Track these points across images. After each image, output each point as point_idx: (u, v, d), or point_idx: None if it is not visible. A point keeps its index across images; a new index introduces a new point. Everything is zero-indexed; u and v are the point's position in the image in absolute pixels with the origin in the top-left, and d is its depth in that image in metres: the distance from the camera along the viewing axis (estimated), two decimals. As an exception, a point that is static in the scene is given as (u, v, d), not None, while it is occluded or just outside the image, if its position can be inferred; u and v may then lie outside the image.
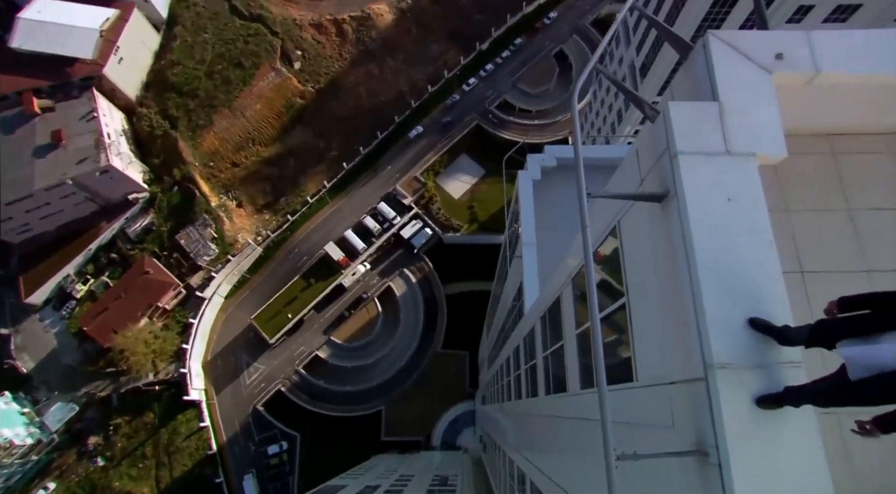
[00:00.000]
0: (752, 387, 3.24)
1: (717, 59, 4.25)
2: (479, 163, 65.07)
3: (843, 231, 4.75)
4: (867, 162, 5.01)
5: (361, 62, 68.87)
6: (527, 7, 70.96)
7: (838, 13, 35.12)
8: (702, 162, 3.84)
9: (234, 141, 64.92)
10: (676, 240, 3.76)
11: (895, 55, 4.18)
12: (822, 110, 4.90)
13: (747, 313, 3.41)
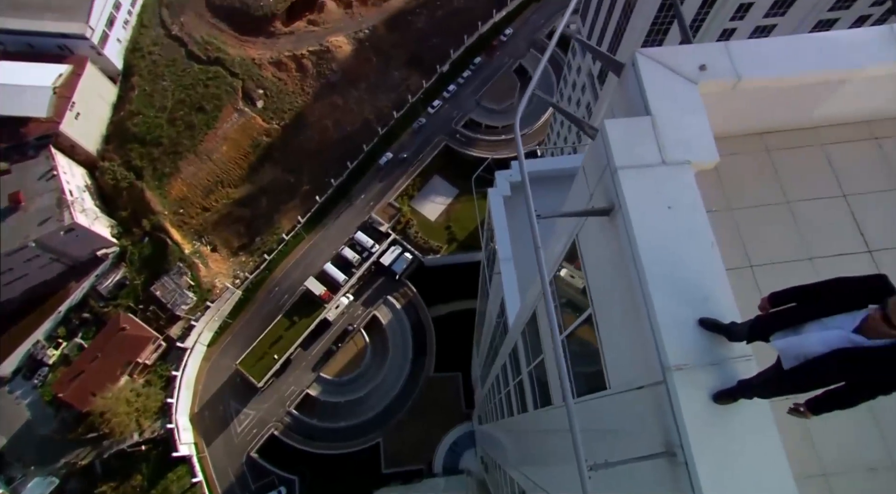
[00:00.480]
0: (708, 385, 3.44)
1: (646, 75, 4.56)
2: (452, 183, 65.78)
3: (784, 223, 5.07)
4: (799, 155, 5.37)
5: (325, 95, 69.56)
6: (482, 27, 72.92)
7: (776, 7, 37.41)
8: (641, 174, 4.10)
9: (203, 185, 64.46)
10: (625, 250, 3.99)
11: (804, 57, 4.56)
12: (752, 111, 5.26)
13: (697, 314, 3.63)
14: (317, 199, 64.06)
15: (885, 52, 4.48)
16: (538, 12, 75.48)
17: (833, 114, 5.25)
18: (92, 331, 59.23)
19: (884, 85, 4.75)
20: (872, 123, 5.40)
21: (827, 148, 5.41)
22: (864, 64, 4.50)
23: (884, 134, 5.34)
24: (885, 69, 4.50)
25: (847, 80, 4.63)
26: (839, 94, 4.87)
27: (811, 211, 5.08)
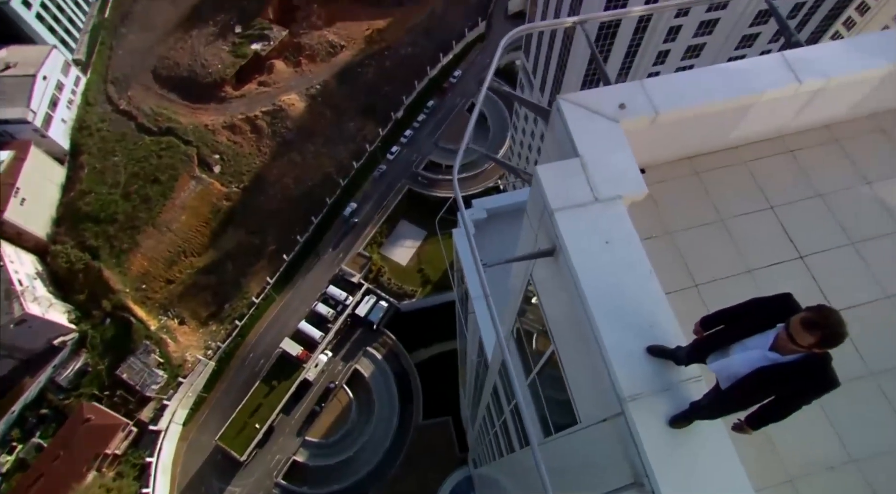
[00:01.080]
0: (663, 411, 3.58)
1: (571, 119, 4.88)
2: (420, 226, 66.33)
3: (721, 240, 5.38)
4: (725, 175, 5.76)
5: (282, 153, 70.14)
6: (431, 71, 75.62)
7: (689, 52, 41.27)
8: (576, 214, 4.33)
9: (165, 257, 63.16)
10: (570, 287, 4.17)
11: (712, 88, 4.98)
12: (676, 139, 5.65)
13: (644, 342, 3.80)
14: (284, 258, 63.45)
15: (780, 77, 4.95)
16: (483, 53, 78.90)
17: (748, 134, 5.69)
18: (52, 428, 55.79)
19: (785, 105, 5.21)
20: (785, 137, 5.86)
21: (749, 165, 5.82)
22: (764, 88, 4.94)
23: (796, 146, 5.80)
24: (782, 92, 4.95)
25: (752, 104, 5.07)
26: (749, 116, 5.30)
27: (744, 225, 5.41)
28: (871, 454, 4.35)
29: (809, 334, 2.39)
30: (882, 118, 5.78)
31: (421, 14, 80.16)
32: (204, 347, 60.48)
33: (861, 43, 5.14)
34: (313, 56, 77.13)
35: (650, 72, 42.29)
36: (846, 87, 5.17)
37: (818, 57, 5.01)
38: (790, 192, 5.56)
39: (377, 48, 77.72)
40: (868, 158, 5.61)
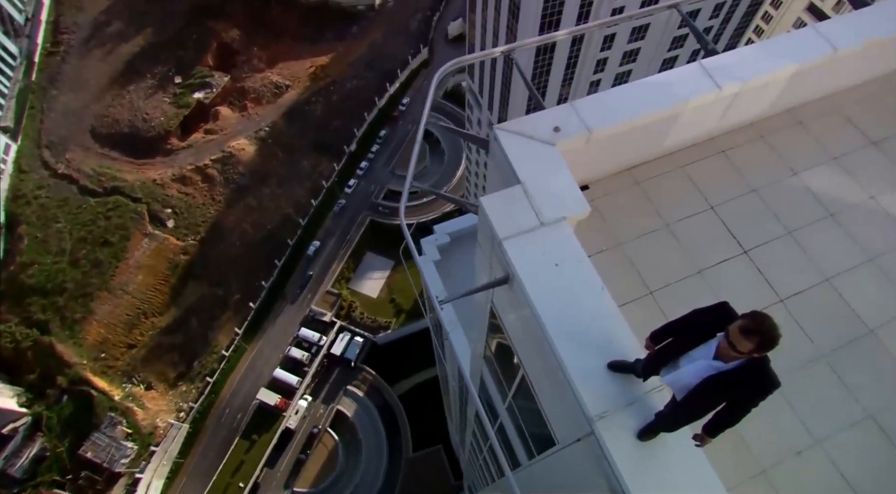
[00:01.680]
0: (631, 425, 3.63)
1: (508, 147, 5.01)
2: (386, 256, 66.11)
3: (669, 244, 5.57)
4: (665, 181, 6.00)
5: (237, 199, 69.13)
6: (380, 101, 76.48)
7: (626, 58, 43.80)
8: (524, 240, 4.42)
9: (123, 322, 60.67)
10: (527, 313, 4.23)
11: (639, 102, 5.22)
12: (613, 153, 5.87)
13: (604, 359, 3.88)
14: (251, 306, 61.93)
15: (701, 85, 5.24)
16: (429, 78, 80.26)
17: (680, 140, 5.97)
18: (12, 526, 51.86)
19: (709, 109, 5.51)
20: (715, 139, 6.18)
21: (686, 169, 6.09)
22: (688, 97, 5.21)
23: (726, 146, 6.12)
24: (705, 98, 5.24)
25: (679, 112, 5.33)
26: (678, 124, 5.57)
27: (688, 228, 5.63)
28: (832, 432, 4.53)
29: (748, 340, 2.50)
30: (798, 112, 6.18)
31: (362, 47, 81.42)
32: (175, 410, 57.92)
33: (769, 47, 5.51)
34: (259, 98, 77.00)
35: (591, 80, 44.12)
36: (762, 88, 5.52)
37: (733, 63, 5.34)
38: (727, 191, 5.83)
39: (322, 84, 78.28)
40: (791, 150, 5.96)
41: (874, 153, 5.92)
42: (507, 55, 5.73)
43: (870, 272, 5.20)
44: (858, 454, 4.45)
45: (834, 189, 5.67)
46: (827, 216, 5.52)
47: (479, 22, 50.84)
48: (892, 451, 4.46)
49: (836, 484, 4.36)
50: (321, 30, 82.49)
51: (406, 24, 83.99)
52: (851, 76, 6.19)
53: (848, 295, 5.09)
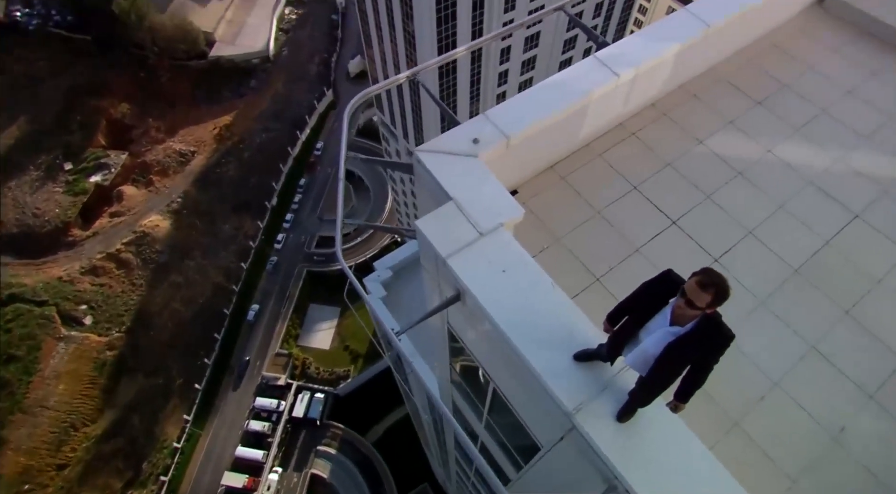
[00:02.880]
0: (608, 411, 3.70)
1: (432, 166, 5.09)
2: (331, 304, 64.61)
3: (604, 230, 5.82)
4: (587, 171, 6.30)
5: (160, 279, 65.48)
6: (293, 151, 75.72)
7: (525, 67, 46.32)
8: (467, 254, 4.47)
9: (48, 442, 55.04)
10: (486, 325, 4.25)
11: (547, 101, 5.48)
12: (535, 154, 6.11)
13: (569, 352, 3.95)
14: (197, 388, 58.24)
15: (600, 75, 5.59)
16: (338, 119, 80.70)
17: (593, 130, 6.32)
18: None
19: (613, 97, 5.88)
20: (624, 123, 6.58)
21: (604, 156, 6.42)
22: (591, 89, 5.54)
23: (636, 128, 6.53)
24: (607, 87, 5.59)
25: (586, 104, 5.65)
26: (587, 115, 5.90)
27: (618, 211, 5.92)
28: (785, 371, 4.84)
29: (705, 293, 2.63)
30: (690, 86, 6.73)
31: (265, 99, 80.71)
32: (132, 523, 52.87)
33: (652, 32, 5.99)
34: (165, 170, 74.05)
35: (497, 92, 46.08)
36: (654, 69, 5.97)
37: (624, 51, 5.75)
38: (645, 169, 6.20)
39: (231, 144, 76.59)
40: (692, 121, 6.46)
41: (761, 111, 6.53)
42: (413, 79, 5.87)
43: (783, 218, 5.68)
44: (812, 386, 4.78)
45: (736, 149, 6.17)
46: (736, 175, 5.99)
47: (378, 56, 51.94)
48: (837, 375, 4.84)
49: (801, 419, 4.64)
50: (218, 89, 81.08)
51: (305, 69, 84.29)
52: (727, 46, 6.85)
53: (769, 242, 5.52)
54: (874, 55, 7.13)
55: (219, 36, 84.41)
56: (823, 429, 4.60)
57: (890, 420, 4.64)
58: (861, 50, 7.18)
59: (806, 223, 5.66)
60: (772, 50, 7.13)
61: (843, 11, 7.45)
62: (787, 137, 6.31)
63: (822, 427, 4.60)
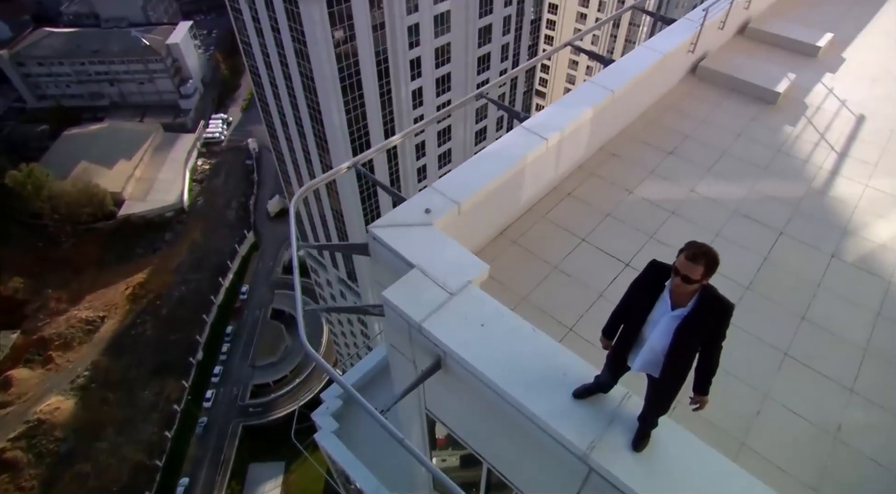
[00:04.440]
0: (622, 443, 3.61)
1: (389, 239, 5.20)
2: (274, 459, 58.89)
3: (564, 283, 6.04)
4: (536, 231, 6.65)
5: (61, 473, 57.38)
6: (216, 298, 73.30)
7: (440, 85, 50.15)
8: (441, 315, 4.46)
9: None
10: (475, 385, 4.14)
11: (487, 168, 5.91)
12: (485, 221, 6.42)
13: (567, 392, 3.90)
14: None
15: (531, 141, 6.19)
16: (262, 259, 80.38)
17: (533, 194, 6.82)
18: None
19: (545, 161, 6.48)
20: (558, 186, 7.16)
21: (547, 216, 6.86)
22: (525, 153, 6.08)
23: (570, 189, 7.12)
24: (538, 150, 6.17)
25: (522, 168, 6.16)
26: (525, 180, 6.40)
27: (573, 263, 6.22)
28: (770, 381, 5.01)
29: (698, 264, 2.76)
30: (609, 147, 7.57)
31: (182, 251, 79.42)
32: None
33: (567, 100, 6.84)
34: (68, 343, 68.39)
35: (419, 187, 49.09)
36: (575, 133, 6.71)
37: (546, 119, 6.47)
38: (588, 222, 6.67)
39: (146, 302, 73.11)
40: (619, 176, 7.17)
41: (674, 159, 7.41)
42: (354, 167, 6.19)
43: (722, 244, 6.20)
44: (798, 391, 4.94)
45: (664, 193, 6.86)
46: (670, 214, 6.59)
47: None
48: (816, 376, 5.06)
49: (800, 426, 4.72)
50: (130, 247, 79.18)
51: (223, 215, 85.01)
52: (632, 110, 7.89)
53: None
54: (747, 105, 8.50)
55: (128, 194, 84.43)
56: (823, 431, 4.67)
57: (877, 408, 4.83)
58: (736, 103, 8.55)
59: (743, 245, 6.21)
60: (668, 110, 8.30)
61: (711, 76, 8.97)
62: (703, 177, 7.13)
63: (821, 430, 4.68)
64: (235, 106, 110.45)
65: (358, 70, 39.79)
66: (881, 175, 7.24)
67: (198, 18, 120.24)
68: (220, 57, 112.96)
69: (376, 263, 5.55)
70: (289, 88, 42.38)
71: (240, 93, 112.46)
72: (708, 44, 9.19)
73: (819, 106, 8.55)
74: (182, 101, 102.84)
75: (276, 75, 42.92)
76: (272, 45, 40.40)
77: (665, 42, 7.92)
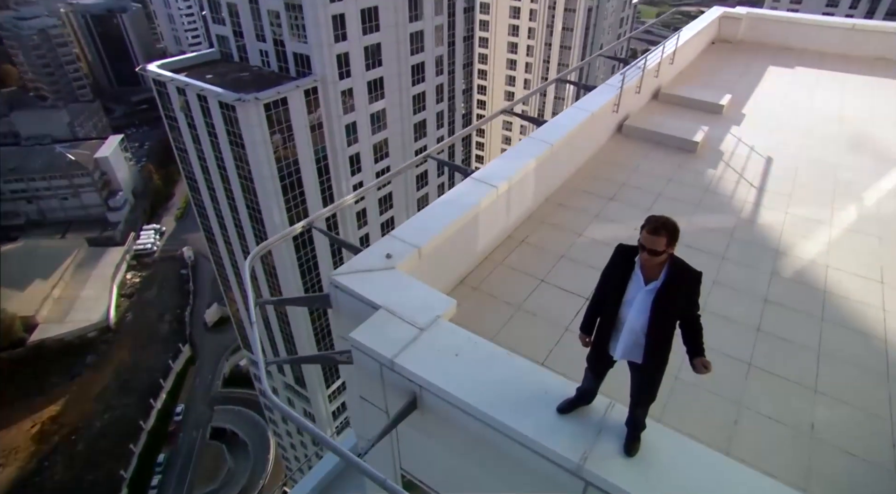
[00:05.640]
0: (614, 449, 3.62)
1: (353, 285, 5.23)
2: None
3: (530, 321, 6.16)
4: (494, 278, 6.84)
5: None
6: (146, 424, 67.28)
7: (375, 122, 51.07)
8: (414, 350, 4.45)
9: None
10: (456, 418, 4.08)
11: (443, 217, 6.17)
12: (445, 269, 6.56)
13: (551, 408, 3.91)
14: None
15: (482, 189, 6.57)
16: (200, 373, 75.54)
17: (489, 241, 7.10)
18: None
19: (496, 208, 6.85)
20: (512, 234, 7.51)
21: (504, 263, 7.10)
22: (479, 201, 6.43)
23: (523, 236, 7.47)
24: (489, 198, 6.54)
25: (476, 214, 6.47)
26: (479, 227, 6.70)
27: (536, 302, 6.40)
28: (741, 390, 5.19)
29: (660, 236, 2.97)
30: (554, 197, 8.11)
31: (106, 374, 73.48)
32: None
33: (511, 154, 7.39)
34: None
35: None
36: (522, 182, 7.20)
37: (494, 169, 6.94)
38: (544, 265, 6.96)
39: (57, 439, 65.68)
40: (568, 222, 7.63)
41: (616, 204, 8.02)
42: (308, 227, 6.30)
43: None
44: (768, 397, 5.14)
45: (612, 233, 7.33)
46: (619, 251, 7.01)
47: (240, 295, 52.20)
48: (781, 382, 5.31)
49: (777, 429, 4.87)
50: (42, 377, 72.21)
51: (155, 330, 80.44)
52: (571, 163, 8.59)
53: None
54: (671, 155, 9.48)
55: (43, 317, 78.72)
56: (799, 432, 4.82)
57: (840, 404, 5.08)
58: (661, 154, 9.51)
59: (691, 272, 6.66)
60: (603, 164, 9.10)
61: (636, 133, 10.03)
62: (644, 216, 7.67)
63: (797, 430, 4.83)
64: (169, 215, 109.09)
65: (298, 169, 40.84)
66: (797, 204, 8.13)
67: (129, 132, 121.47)
68: (153, 168, 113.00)
69: (339, 314, 5.51)
70: (227, 190, 42.62)
71: (174, 203, 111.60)
72: (629, 106, 10.35)
73: (733, 151, 9.69)
74: (110, 214, 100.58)
75: (213, 179, 43.23)
76: (209, 150, 41.09)
77: (592, 102, 8.88)
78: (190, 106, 39.34)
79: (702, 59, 14.84)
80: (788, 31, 16.16)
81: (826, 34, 15.80)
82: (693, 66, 14.17)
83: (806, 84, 13.58)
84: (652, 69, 11.02)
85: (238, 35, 42.02)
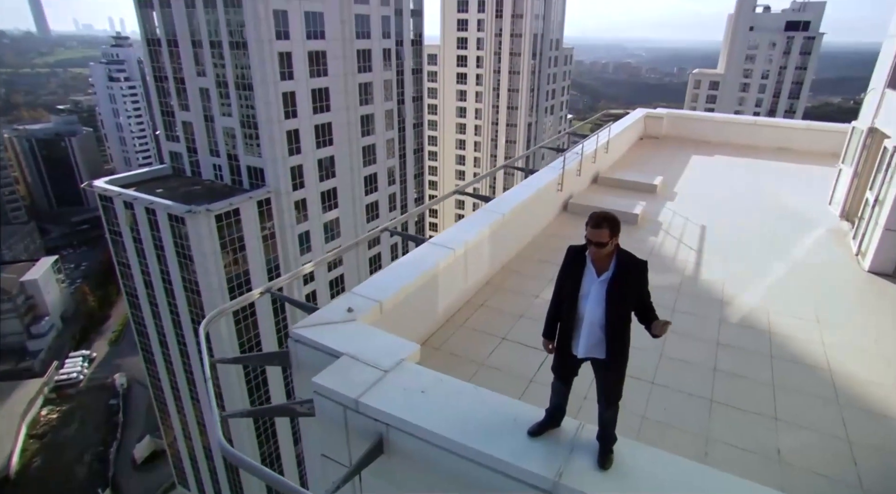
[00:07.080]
0: (588, 464, 3.66)
1: (314, 336, 5.27)
2: None
3: (495, 376, 6.21)
4: (457, 340, 6.94)
5: None
6: None
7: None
8: (379, 389, 4.46)
9: None
10: (426, 456, 4.05)
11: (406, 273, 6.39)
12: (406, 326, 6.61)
13: (522, 432, 3.95)
14: None
15: (441, 252, 6.90)
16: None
17: (449, 303, 7.29)
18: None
19: (454, 271, 7.14)
20: (471, 298, 7.74)
21: (465, 325, 7.24)
22: (437, 262, 6.72)
23: (482, 301, 7.72)
24: (447, 260, 6.86)
25: (435, 274, 6.73)
26: (439, 288, 6.93)
27: (499, 358, 6.51)
28: (706, 425, 5.34)
29: (601, 229, 3.30)
30: (510, 265, 8.54)
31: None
32: None
33: (465, 223, 7.85)
34: None
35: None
36: (478, 247, 7.61)
37: (450, 236, 7.34)
38: (504, 324, 7.16)
39: None
40: (524, 286, 8.00)
41: (568, 269, 8.50)
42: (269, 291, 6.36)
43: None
44: (733, 429, 5.31)
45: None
46: (577, 306, 7.34)
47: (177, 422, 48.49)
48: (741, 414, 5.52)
49: (747, 459, 4.98)
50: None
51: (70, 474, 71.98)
52: (523, 236, 9.14)
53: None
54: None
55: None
56: (768, 459, 4.95)
57: (801, 429, 5.30)
58: (607, 227, 10.27)
59: (646, 323, 7.02)
60: (552, 236, 9.78)
61: (580, 210, 10.96)
62: (596, 277, 8.18)
63: (766, 457, 4.96)
64: (102, 339, 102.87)
65: (248, 279, 40.40)
66: (734, 260, 8.91)
67: (66, 253, 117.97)
68: (88, 289, 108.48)
69: (301, 370, 5.44)
70: (171, 305, 41.29)
71: (109, 325, 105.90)
72: (572, 187, 11.32)
73: (670, 222, 10.62)
74: (31, 342, 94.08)
75: (156, 294, 41.97)
76: (154, 264, 40.39)
77: (537, 181, 9.72)
78: (137, 220, 39.26)
79: (633, 151, 16.60)
80: (704, 127, 18.55)
81: (735, 129, 18.22)
82: (625, 157, 15.80)
83: (725, 168, 15.46)
84: (589, 155, 12.25)
85: (192, 151, 43.40)
